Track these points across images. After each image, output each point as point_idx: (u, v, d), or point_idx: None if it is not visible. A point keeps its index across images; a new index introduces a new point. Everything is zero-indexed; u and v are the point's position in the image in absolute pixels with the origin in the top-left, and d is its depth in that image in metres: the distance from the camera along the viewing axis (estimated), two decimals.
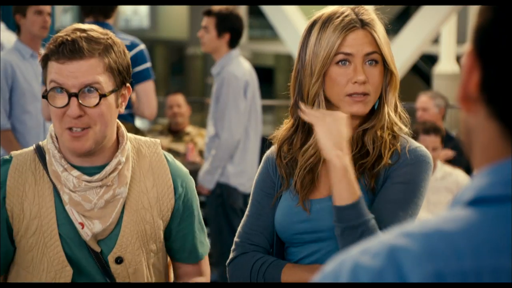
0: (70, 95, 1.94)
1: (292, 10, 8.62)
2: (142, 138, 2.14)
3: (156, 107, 4.58)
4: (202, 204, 5.84)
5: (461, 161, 5.37)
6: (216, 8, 5.14)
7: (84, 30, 1.97)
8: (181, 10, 24.83)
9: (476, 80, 0.86)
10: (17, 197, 1.99)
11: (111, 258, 2.02)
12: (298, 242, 2.05)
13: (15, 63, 4.79)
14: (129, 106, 4.49)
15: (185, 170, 2.15)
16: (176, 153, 6.99)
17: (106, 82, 1.96)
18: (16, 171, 2.01)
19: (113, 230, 2.03)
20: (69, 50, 1.92)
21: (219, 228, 5.22)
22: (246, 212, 2.13)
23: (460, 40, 15.44)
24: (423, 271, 0.78)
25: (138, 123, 5.74)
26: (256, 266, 2.04)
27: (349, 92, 1.99)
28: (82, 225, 1.98)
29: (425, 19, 8.34)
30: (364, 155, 2.02)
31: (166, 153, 2.15)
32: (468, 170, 5.18)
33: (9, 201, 1.99)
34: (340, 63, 2.00)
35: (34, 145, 2.06)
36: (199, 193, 5.48)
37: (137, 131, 4.27)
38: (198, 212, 2.18)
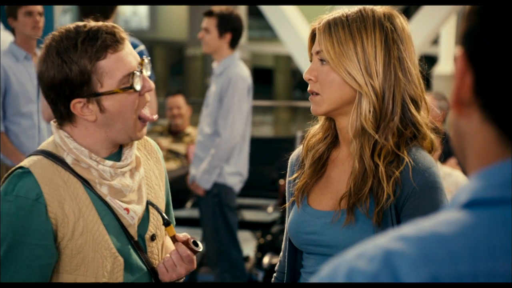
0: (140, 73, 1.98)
1: (291, 11, 8.60)
2: None
3: (156, 108, 4.59)
4: (196, 205, 5.86)
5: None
6: (216, 8, 5.17)
7: (102, 22, 2.02)
8: (181, 11, 24.80)
9: (469, 84, 0.85)
10: (57, 203, 1.93)
11: (147, 237, 2.06)
12: (305, 252, 2.06)
13: (8, 65, 4.80)
14: None
15: None
16: (176, 154, 6.97)
17: None
18: (44, 178, 1.93)
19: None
20: (119, 37, 1.96)
21: (216, 228, 5.22)
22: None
23: None
24: (419, 275, 0.78)
25: None
26: None
27: None
28: (128, 210, 2.00)
29: (425, 20, 8.32)
30: (362, 175, 1.93)
31: None
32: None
33: (51, 209, 1.92)
34: None
35: (39, 154, 1.98)
36: (194, 194, 5.51)
37: None
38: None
